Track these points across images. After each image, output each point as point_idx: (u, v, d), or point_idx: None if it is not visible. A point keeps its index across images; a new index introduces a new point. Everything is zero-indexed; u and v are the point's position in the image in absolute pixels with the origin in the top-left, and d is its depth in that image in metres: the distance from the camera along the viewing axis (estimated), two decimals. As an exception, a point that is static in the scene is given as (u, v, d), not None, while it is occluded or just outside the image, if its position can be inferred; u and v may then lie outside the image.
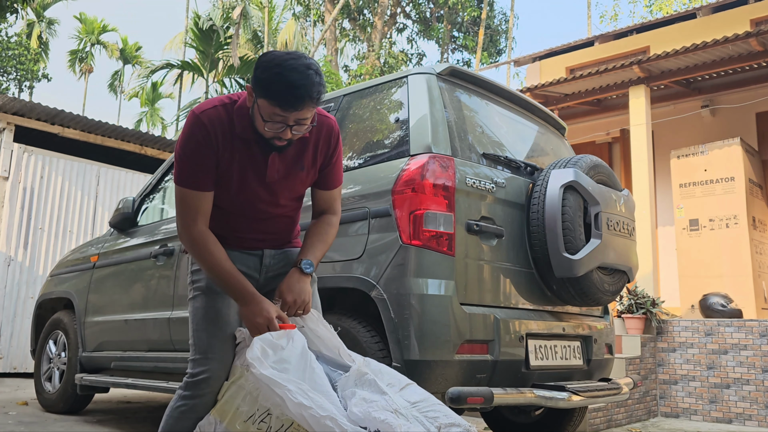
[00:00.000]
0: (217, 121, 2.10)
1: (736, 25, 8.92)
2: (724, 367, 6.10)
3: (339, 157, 2.34)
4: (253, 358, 1.98)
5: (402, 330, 2.80)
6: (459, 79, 3.49)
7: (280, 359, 2.01)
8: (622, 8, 65.17)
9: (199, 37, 20.90)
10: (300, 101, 1.98)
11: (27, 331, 7.76)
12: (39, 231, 8.22)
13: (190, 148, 2.10)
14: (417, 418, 1.94)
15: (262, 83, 1.99)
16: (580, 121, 9.41)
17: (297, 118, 2.02)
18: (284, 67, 1.97)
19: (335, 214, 2.40)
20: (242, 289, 2.13)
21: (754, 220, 7.20)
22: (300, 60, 2.00)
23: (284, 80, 1.96)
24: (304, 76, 1.97)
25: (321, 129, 2.24)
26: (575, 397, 3.08)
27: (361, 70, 21.62)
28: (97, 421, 4.82)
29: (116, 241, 4.93)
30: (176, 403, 2.19)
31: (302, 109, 2.00)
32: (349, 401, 1.98)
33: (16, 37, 28.37)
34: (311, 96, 1.99)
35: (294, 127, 2.05)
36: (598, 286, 3.38)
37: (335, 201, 2.40)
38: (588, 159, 3.53)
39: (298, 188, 2.30)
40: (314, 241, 2.31)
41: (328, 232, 2.35)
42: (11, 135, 8.14)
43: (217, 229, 2.26)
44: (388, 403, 1.94)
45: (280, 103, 1.98)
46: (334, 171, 2.34)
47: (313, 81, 1.98)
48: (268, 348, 2.02)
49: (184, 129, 2.11)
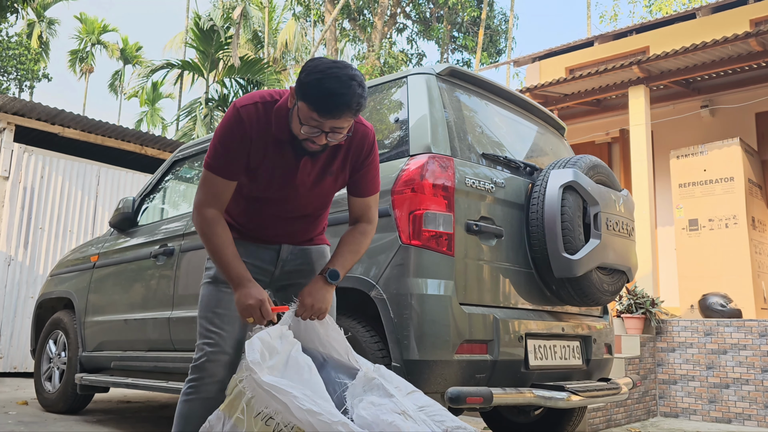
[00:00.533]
0: (254, 117, 2.16)
1: (736, 26, 8.93)
2: (724, 367, 6.10)
3: (373, 164, 2.34)
4: (253, 363, 1.98)
5: (401, 330, 2.81)
6: (459, 80, 3.50)
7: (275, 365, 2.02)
8: (621, 8, 65.22)
9: (200, 37, 20.87)
10: (338, 110, 2.00)
11: (27, 331, 7.76)
12: (39, 231, 8.22)
13: (225, 138, 2.17)
14: (425, 421, 1.97)
15: (303, 86, 2.02)
16: (580, 121, 9.41)
17: (333, 125, 2.04)
18: (327, 74, 2.00)
19: (370, 223, 2.40)
20: (238, 273, 2.20)
21: (754, 220, 7.20)
22: (344, 70, 2.02)
23: (325, 87, 1.98)
24: (345, 86, 1.99)
25: (355, 136, 2.25)
26: (574, 397, 3.08)
27: (361, 70, 21.61)
28: (97, 421, 4.83)
29: (116, 241, 4.94)
30: (184, 388, 2.32)
31: (339, 117, 2.02)
32: (356, 406, 1.99)
33: (16, 37, 28.40)
34: (350, 106, 2.01)
35: (329, 134, 2.07)
36: (597, 286, 3.39)
37: (370, 209, 2.39)
38: (587, 159, 3.53)
39: (326, 194, 2.34)
40: (345, 251, 2.32)
41: (360, 242, 2.36)
42: (11, 135, 8.15)
43: (241, 220, 2.37)
44: (396, 406, 1.97)
45: (318, 108, 2.00)
46: (368, 178, 2.34)
47: (355, 92, 2.00)
48: (266, 351, 2.03)
49: (224, 119, 2.19)
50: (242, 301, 2.16)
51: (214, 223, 2.22)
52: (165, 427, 4.68)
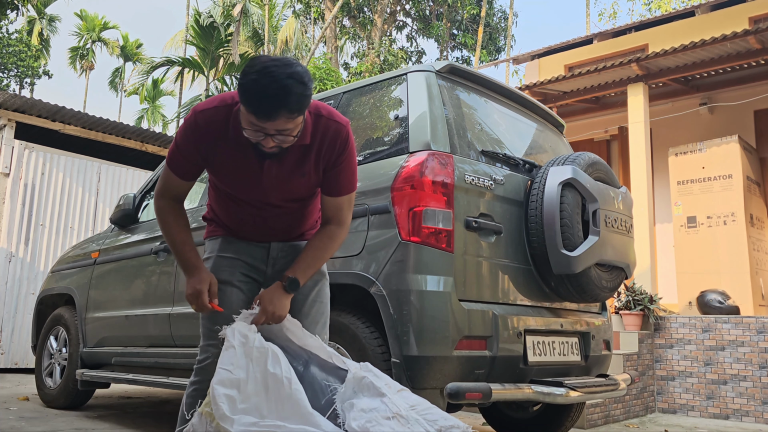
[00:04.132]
0: (212, 121, 2.09)
1: (735, 23, 8.94)
2: (722, 363, 6.13)
3: (347, 163, 2.20)
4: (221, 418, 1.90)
5: (401, 326, 2.83)
6: (458, 77, 3.51)
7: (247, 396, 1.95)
8: (620, 6, 65.09)
9: (200, 34, 20.90)
10: (275, 111, 1.88)
11: (28, 327, 7.78)
12: (40, 227, 8.24)
13: (182, 140, 2.16)
14: (417, 421, 1.93)
15: (240, 88, 1.91)
16: (579, 118, 9.42)
17: (276, 128, 1.93)
18: (262, 75, 1.87)
19: (340, 225, 2.28)
20: (187, 260, 2.23)
21: (752, 217, 7.22)
22: (283, 68, 1.88)
23: (260, 88, 1.86)
24: (279, 86, 1.85)
25: (326, 134, 2.14)
26: (573, 392, 3.10)
27: (360, 68, 21.63)
28: (98, 417, 4.85)
29: (117, 237, 4.96)
30: (188, 389, 2.31)
31: (277, 119, 1.90)
32: (347, 414, 1.96)
33: (16, 34, 28.39)
34: (287, 107, 1.87)
35: (276, 136, 1.96)
36: (595, 282, 3.41)
37: (341, 210, 2.26)
38: (586, 156, 3.55)
39: (300, 192, 2.25)
40: (309, 256, 2.24)
41: (327, 247, 2.25)
42: (12, 132, 8.17)
43: (227, 219, 2.35)
44: (388, 408, 1.93)
45: (255, 111, 1.89)
46: (340, 177, 2.20)
47: (291, 91, 1.86)
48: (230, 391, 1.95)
49: (183, 122, 2.16)
50: (189, 287, 2.20)
51: (166, 212, 2.27)
52: (166, 422, 4.70)
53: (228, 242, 2.36)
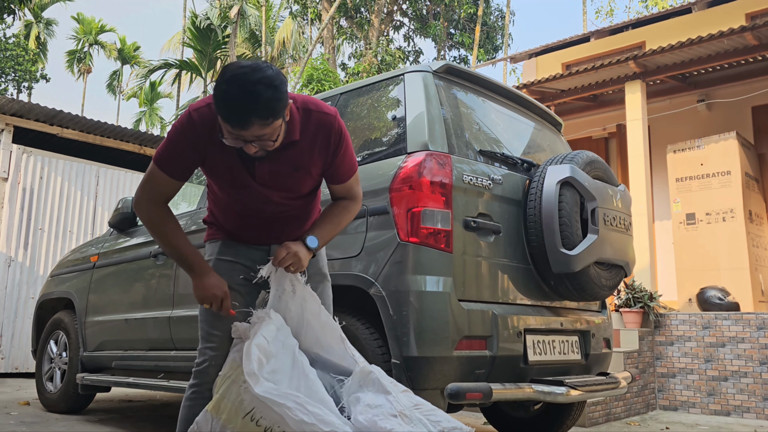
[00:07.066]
0: (207, 120, 2.06)
1: (732, 20, 8.94)
2: (722, 360, 6.13)
3: (345, 151, 2.23)
4: (249, 374, 1.96)
5: (401, 327, 2.82)
6: (455, 77, 3.51)
7: (273, 370, 2.01)
8: (617, 4, 64.98)
9: (197, 36, 20.90)
10: (244, 120, 1.86)
11: (28, 332, 7.78)
12: (39, 231, 8.24)
13: (176, 138, 2.11)
14: (421, 421, 1.96)
15: (213, 98, 1.90)
16: (577, 116, 9.42)
17: (252, 135, 1.91)
18: (231, 83, 1.85)
19: (353, 199, 2.37)
20: (194, 261, 2.19)
21: (751, 214, 7.23)
22: (251, 74, 1.86)
23: (226, 98, 1.85)
24: (247, 94, 1.83)
25: (319, 127, 2.14)
26: (573, 391, 3.10)
27: (358, 68, 21.62)
28: (98, 421, 4.85)
29: (116, 240, 4.95)
30: (187, 393, 2.30)
31: (249, 127, 1.88)
32: (353, 408, 1.99)
33: (14, 38, 28.38)
34: (257, 114, 1.85)
35: (255, 142, 1.94)
36: (595, 281, 3.40)
37: (351, 189, 2.35)
38: (584, 155, 3.55)
39: (298, 189, 2.25)
40: (325, 221, 2.31)
41: (342, 215, 2.34)
42: (10, 136, 8.16)
43: (226, 222, 2.33)
44: (393, 406, 1.96)
45: (227, 119, 1.88)
46: (343, 166, 2.26)
47: (260, 97, 1.83)
48: (263, 357, 2.02)
49: (177, 120, 2.13)
50: (207, 288, 2.16)
51: (160, 219, 2.19)
52: (166, 425, 4.70)
53: (227, 245, 2.35)
